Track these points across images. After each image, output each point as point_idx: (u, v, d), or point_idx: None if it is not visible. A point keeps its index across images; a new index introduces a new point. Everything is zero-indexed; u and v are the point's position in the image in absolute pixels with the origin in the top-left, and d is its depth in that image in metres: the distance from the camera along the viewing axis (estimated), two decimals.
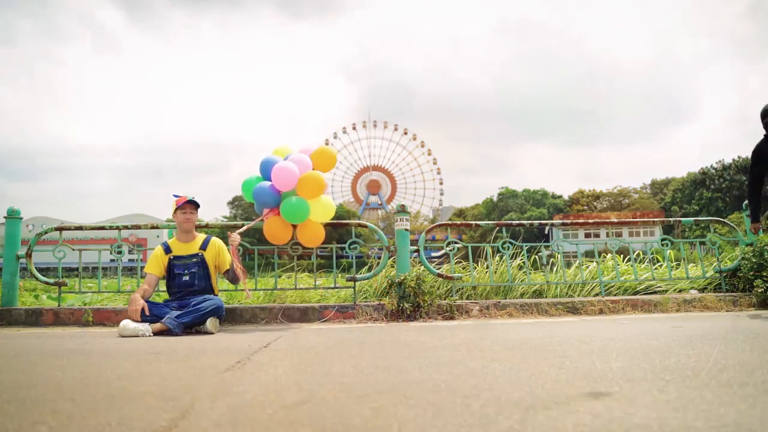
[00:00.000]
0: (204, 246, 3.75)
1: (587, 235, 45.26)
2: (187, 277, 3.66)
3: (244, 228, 4.02)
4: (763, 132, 4.08)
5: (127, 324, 3.26)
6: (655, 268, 5.36)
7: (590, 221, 5.98)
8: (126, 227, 4.84)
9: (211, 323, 3.42)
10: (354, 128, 77.11)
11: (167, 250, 3.75)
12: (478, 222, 5.17)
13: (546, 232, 46.05)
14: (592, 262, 5.33)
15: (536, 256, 5.29)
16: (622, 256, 5.89)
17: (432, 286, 4.56)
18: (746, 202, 4.58)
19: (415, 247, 4.68)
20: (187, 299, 3.57)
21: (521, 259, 5.12)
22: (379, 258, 4.85)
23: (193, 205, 3.76)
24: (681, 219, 5.77)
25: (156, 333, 3.28)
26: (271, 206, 3.79)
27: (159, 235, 46.38)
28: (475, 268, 5.07)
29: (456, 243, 4.86)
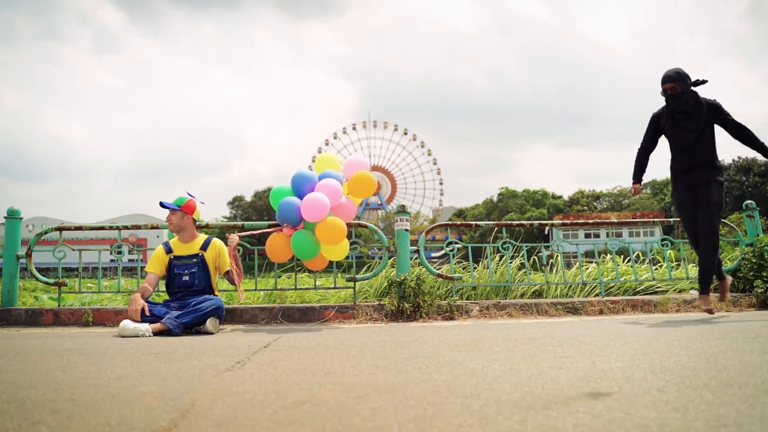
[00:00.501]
0: (205, 246, 3.76)
1: (587, 236, 45.27)
2: (187, 278, 3.66)
3: (246, 233, 4.03)
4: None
5: (127, 324, 3.26)
6: (655, 269, 5.36)
7: (590, 221, 5.99)
8: (126, 227, 4.84)
9: (211, 323, 3.42)
10: (354, 128, 77.14)
11: (168, 249, 3.75)
12: (478, 222, 5.17)
13: (546, 232, 46.06)
14: (592, 262, 5.34)
15: (536, 257, 5.30)
16: (622, 256, 5.89)
17: (432, 286, 4.56)
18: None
19: (415, 248, 4.68)
20: (187, 299, 3.57)
21: (521, 260, 5.12)
22: (380, 258, 4.85)
23: (173, 207, 3.73)
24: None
25: (156, 333, 3.28)
26: (292, 224, 3.72)
27: (159, 236, 46.45)
28: (475, 268, 5.07)
29: (456, 243, 4.86)
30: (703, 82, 3.70)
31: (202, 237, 3.82)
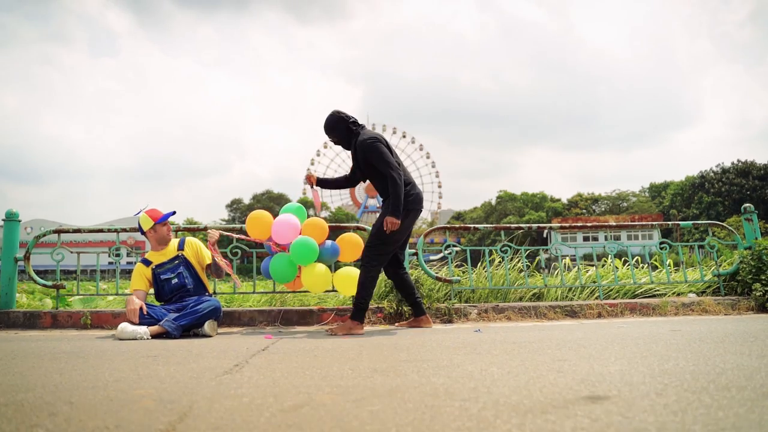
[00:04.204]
0: (181, 246, 3.77)
1: (585, 239, 45.30)
2: (176, 280, 3.65)
3: (229, 233, 4.05)
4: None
5: (125, 327, 3.25)
6: (654, 272, 5.36)
7: (589, 225, 5.99)
8: (124, 230, 4.83)
9: (209, 326, 3.42)
10: None
11: (147, 263, 3.71)
12: (476, 225, 5.17)
13: (545, 235, 46.10)
14: (592, 265, 5.34)
15: (538, 258, 5.29)
16: (622, 259, 5.89)
17: (430, 289, 4.56)
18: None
19: (413, 251, 4.68)
20: (183, 301, 3.57)
21: (519, 262, 5.12)
22: None
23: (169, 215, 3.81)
24: (679, 222, 5.77)
25: (154, 336, 3.27)
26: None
27: None
28: (474, 271, 5.07)
29: (454, 246, 4.86)
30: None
31: (174, 241, 3.83)
